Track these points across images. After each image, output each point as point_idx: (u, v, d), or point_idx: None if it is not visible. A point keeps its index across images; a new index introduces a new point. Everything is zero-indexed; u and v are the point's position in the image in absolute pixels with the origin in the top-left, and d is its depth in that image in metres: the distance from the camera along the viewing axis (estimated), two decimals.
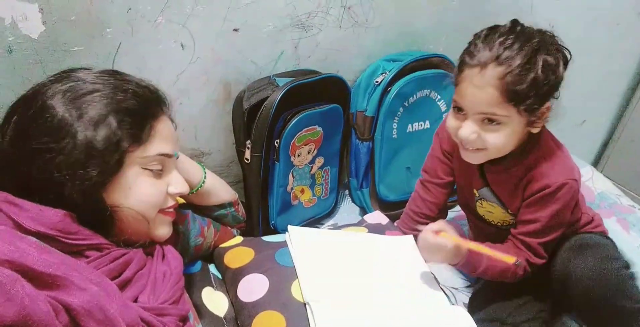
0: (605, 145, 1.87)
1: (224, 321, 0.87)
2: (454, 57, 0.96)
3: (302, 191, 1.20)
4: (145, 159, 0.69)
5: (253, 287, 0.89)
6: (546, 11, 1.44)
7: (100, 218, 0.66)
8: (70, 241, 0.63)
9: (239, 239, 1.02)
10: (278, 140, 1.06)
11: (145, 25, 0.95)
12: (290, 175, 1.15)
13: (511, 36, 0.79)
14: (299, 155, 1.13)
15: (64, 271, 0.56)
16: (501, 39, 0.79)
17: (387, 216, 1.16)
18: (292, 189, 1.17)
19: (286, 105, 1.04)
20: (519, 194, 0.92)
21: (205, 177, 0.92)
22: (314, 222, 1.28)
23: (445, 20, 1.29)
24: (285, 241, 0.99)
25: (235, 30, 1.04)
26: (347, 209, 1.38)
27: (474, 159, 0.90)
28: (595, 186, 1.33)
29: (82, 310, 0.55)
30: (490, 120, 0.82)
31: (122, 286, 0.66)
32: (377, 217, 1.15)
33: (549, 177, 0.88)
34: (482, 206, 1.01)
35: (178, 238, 0.88)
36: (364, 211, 1.34)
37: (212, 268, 0.99)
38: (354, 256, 0.97)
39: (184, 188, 0.75)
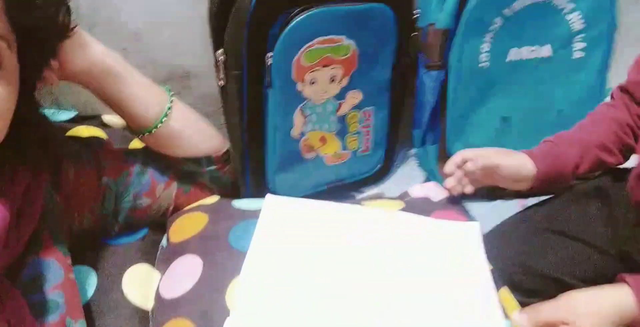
0: None
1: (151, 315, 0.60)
2: None
3: (323, 140, 0.80)
4: None
5: (180, 276, 0.59)
6: None
7: None
8: None
9: (212, 198, 0.71)
10: (271, 54, 0.67)
11: None
12: (299, 112, 0.75)
13: None
14: (312, 83, 0.73)
15: None
16: None
17: None
18: (302, 134, 0.78)
19: None
20: None
21: (169, 111, 0.62)
22: (344, 188, 0.88)
23: None
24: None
25: None
26: (407, 175, 0.96)
27: None
28: None
29: None
30: None
31: None
32: (430, 189, 0.72)
33: None
34: None
35: (99, 194, 0.63)
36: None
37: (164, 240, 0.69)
38: (350, 251, 0.58)
39: None
